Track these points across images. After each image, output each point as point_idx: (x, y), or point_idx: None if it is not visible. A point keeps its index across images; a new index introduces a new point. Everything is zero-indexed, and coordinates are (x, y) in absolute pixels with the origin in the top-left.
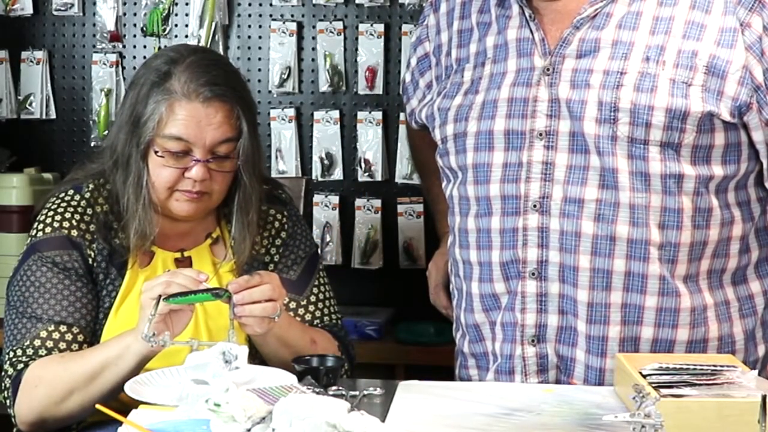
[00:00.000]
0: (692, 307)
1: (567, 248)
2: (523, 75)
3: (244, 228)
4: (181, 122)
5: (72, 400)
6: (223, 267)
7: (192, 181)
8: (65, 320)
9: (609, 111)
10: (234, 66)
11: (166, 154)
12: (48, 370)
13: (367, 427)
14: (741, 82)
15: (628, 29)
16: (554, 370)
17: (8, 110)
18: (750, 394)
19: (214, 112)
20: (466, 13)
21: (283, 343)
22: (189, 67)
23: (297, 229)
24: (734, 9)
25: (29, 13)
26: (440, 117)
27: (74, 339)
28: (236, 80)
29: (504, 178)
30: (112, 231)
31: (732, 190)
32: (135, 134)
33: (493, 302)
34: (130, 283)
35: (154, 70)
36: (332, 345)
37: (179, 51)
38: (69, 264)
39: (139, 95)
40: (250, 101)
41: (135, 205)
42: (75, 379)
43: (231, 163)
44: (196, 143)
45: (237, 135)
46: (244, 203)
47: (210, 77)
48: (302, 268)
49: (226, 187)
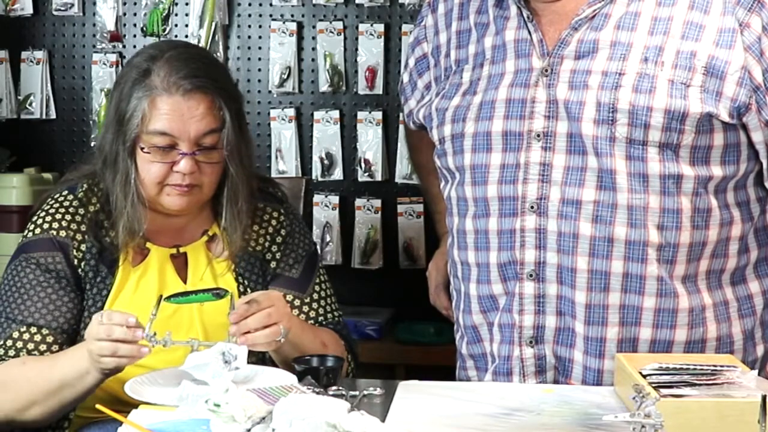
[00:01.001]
0: (690, 308)
1: (565, 250)
2: (521, 76)
3: (234, 218)
4: (165, 117)
5: (34, 410)
6: (219, 263)
7: (181, 175)
8: (36, 322)
9: (607, 112)
10: (215, 58)
11: (152, 150)
12: (10, 376)
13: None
14: (740, 82)
15: (627, 30)
16: (552, 371)
17: (8, 110)
18: (750, 394)
19: (196, 104)
20: (464, 14)
21: (297, 349)
22: (168, 61)
23: (295, 227)
24: (733, 9)
25: (29, 13)
26: (438, 117)
27: (43, 340)
28: (216, 71)
29: (501, 179)
30: (103, 229)
31: (731, 190)
32: (120, 132)
33: (491, 303)
34: (122, 280)
35: (134, 68)
36: (340, 346)
37: (159, 47)
38: (52, 266)
39: (122, 94)
40: (233, 91)
41: (123, 202)
42: (35, 391)
43: (218, 154)
44: (181, 136)
45: (221, 125)
46: (232, 192)
47: (189, 70)
48: (303, 266)
49: (216, 179)
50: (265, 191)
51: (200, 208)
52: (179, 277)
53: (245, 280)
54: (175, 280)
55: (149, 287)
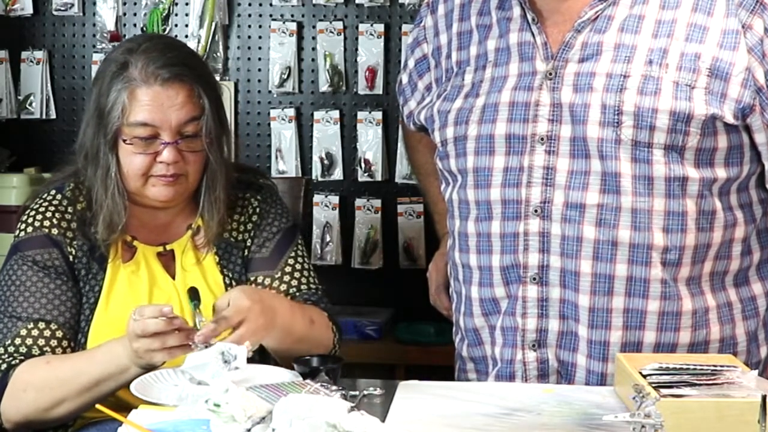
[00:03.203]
0: (694, 310)
1: (568, 253)
2: (525, 79)
3: (212, 205)
4: (145, 107)
5: (63, 407)
6: (206, 257)
7: (165, 165)
8: (44, 317)
9: (613, 114)
10: (191, 48)
11: (134, 141)
12: (36, 376)
13: (367, 427)
14: (744, 84)
15: (631, 32)
16: (555, 375)
17: (8, 110)
18: (750, 394)
19: (175, 93)
20: (465, 15)
21: (287, 331)
22: (144, 52)
23: (269, 208)
24: (736, 11)
25: (29, 13)
26: (440, 120)
27: (53, 335)
28: (194, 60)
29: (505, 182)
30: (91, 226)
31: (734, 192)
32: (101, 126)
33: (493, 306)
34: (113, 277)
35: (112, 62)
36: (324, 319)
37: (135, 40)
38: (49, 262)
39: (101, 88)
40: (211, 79)
41: (104, 195)
42: (68, 389)
43: (200, 142)
44: (162, 126)
45: (201, 113)
46: (211, 181)
47: (166, 59)
48: (275, 243)
49: (200, 167)
50: (248, 181)
51: (184, 202)
52: (167, 273)
53: (229, 272)
54: (164, 277)
55: (141, 284)
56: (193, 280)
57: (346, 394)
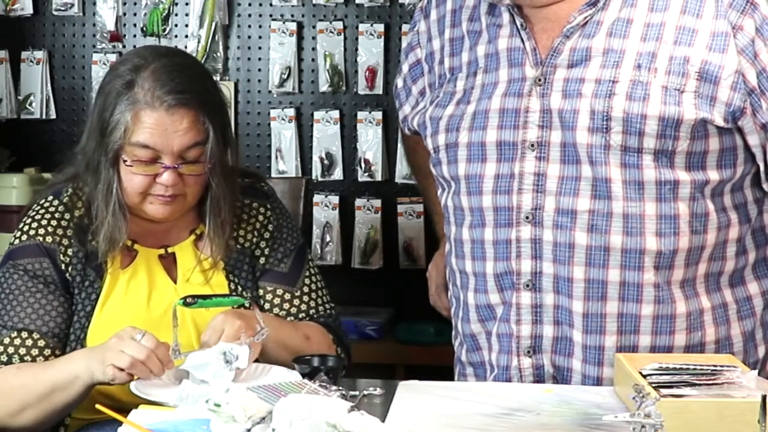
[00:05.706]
0: (688, 312)
1: (560, 259)
2: (515, 85)
3: (218, 228)
4: (148, 130)
5: (26, 415)
6: (208, 261)
7: (164, 186)
8: (27, 327)
9: (601, 120)
10: (202, 66)
11: (135, 162)
12: (6, 382)
13: (367, 427)
14: (734, 87)
15: (619, 37)
16: (551, 380)
17: (8, 110)
18: (750, 394)
19: (180, 119)
20: (456, 21)
21: (280, 345)
22: (152, 74)
23: (282, 222)
24: (726, 12)
25: (29, 13)
26: (432, 126)
27: (34, 345)
28: (201, 84)
29: (496, 189)
30: (89, 234)
31: (728, 193)
32: (103, 143)
33: (489, 313)
34: (112, 284)
35: (119, 78)
36: (326, 338)
37: (143, 56)
38: (39, 272)
39: (106, 103)
40: (218, 103)
41: (104, 211)
42: (27, 395)
43: (202, 166)
44: (164, 150)
45: (205, 139)
46: (215, 204)
47: (173, 85)
48: (292, 260)
49: (200, 188)
50: (252, 187)
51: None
52: (169, 277)
53: (235, 277)
54: (165, 281)
55: (139, 289)
56: (195, 284)
57: (345, 394)
